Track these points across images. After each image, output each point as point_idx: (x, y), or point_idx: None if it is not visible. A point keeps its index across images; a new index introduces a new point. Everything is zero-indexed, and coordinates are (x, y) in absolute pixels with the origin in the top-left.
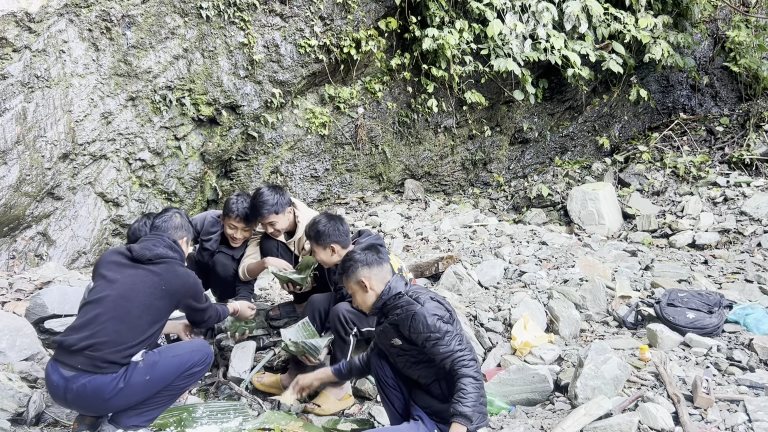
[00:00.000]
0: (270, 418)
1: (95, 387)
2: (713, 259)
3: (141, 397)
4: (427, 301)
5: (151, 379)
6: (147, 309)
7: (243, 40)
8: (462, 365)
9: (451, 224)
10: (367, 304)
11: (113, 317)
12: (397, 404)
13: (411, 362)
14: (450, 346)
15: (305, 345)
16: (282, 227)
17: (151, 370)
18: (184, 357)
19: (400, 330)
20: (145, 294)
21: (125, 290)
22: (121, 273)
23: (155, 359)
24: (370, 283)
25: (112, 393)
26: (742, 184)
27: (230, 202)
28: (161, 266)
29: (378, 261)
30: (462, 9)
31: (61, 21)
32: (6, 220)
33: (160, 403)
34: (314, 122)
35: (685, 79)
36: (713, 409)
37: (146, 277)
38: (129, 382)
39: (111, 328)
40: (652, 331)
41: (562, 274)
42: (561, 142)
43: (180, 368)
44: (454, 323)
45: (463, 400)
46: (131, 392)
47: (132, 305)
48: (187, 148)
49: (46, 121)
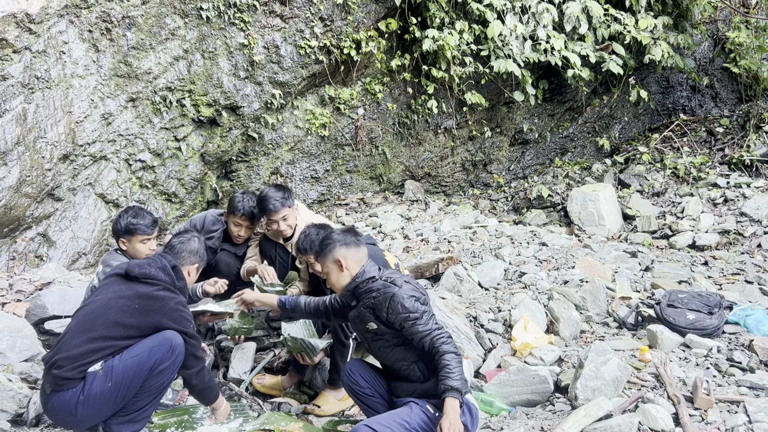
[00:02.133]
0: (270, 419)
1: (60, 404)
2: (713, 260)
3: (111, 404)
4: (403, 283)
5: (113, 384)
6: (114, 326)
7: (243, 41)
8: (441, 342)
9: (451, 225)
10: (340, 284)
11: (76, 332)
12: (381, 410)
13: (387, 346)
14: (428, 325)
15: (304, 343)
16: (293, 223)
17: (111, 375)
18: (144, 356)
19: (376, 313)
20: (116, 310)
21: (97, 306)
22: (108, 288)
23: (113, 364)
24: (346, 263)
25: (76, 407)
26: (743, 185)
27: (236, 200)
28: (144, 286)
29: (356, 243)
30: (462, 10)
31: (61, 22)
32: (6, 221)
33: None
34: (314, 123)
35: (685, 80)
36: (713, 410)
37: (124, 294)
38: (89, 393)
39: (72, 343)
40: (652, 332)
41: (563, 275)
42: (561, 143)
43: (142, 369)
44: (429, 305)
45: (451, 374)
46: (96, 401)
47: (98, 321)
48: (188, 149)
49: (47, 122)
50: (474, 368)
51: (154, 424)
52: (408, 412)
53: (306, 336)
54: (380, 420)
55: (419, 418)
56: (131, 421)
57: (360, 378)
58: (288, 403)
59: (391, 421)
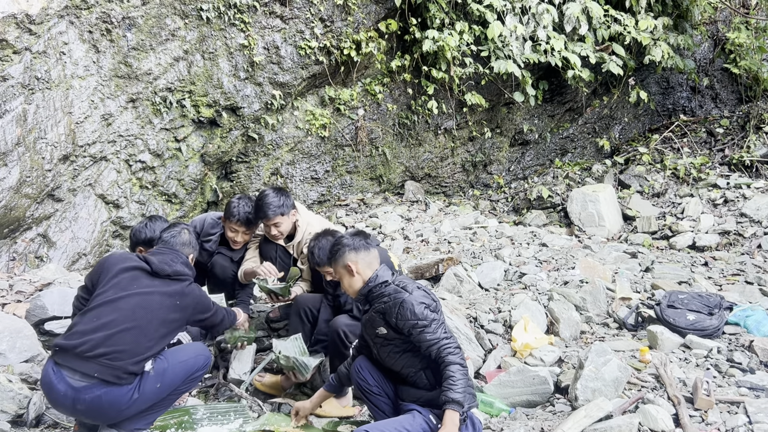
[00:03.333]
0: (270, 420)
1: (111, 399)
2: (713, 261)
3: (151, 404)
4: (414, 289)
5: (161, 386)
6: (164, 322)
7: (243, 42)
8: (448, 352)
9: (451, 226)
10: (353, 289)
11: (134, 327)
12: (387, 410)
13: (395, 351)
14: (436, 333)
15: (297, 361)
16: (286, 230)
17: (162, 377)
18: (190, 362)
19: (386, 318)
20: (163, 307)
21: (144, 301)
22: (137, 283)
23: (164, 366)
24: (356, 268)
25: (127, 404)
26: (743, 185)
27: (232, 206)
28: (178, 283)
29: (365, 246)
30: (462, 11)
31: (61, 23)
32: (6, 222)
33: (162, 406)
34: (314, 124)
35: (685, 80)
36: (713, 411)
37: (164, 291)
38: (142, 392)
39: (130, 337)
40: (652, 333)
41: (563, 276)
42: (561, 143)
43: (186, 373)
44: (439, 313)
45: (453, 386)
46: (143, 401)
47: (152, 316)
48: (188, 150)
49: (47, 123)
50: (474, 369)
51: (153, 425)
52: (410, 420)
53: (298, 354)
54: (381, 426)
55: (420, 427)
56: (142, 418)
57: (369, 375)
58: (288, 404)
59: (392, 427)
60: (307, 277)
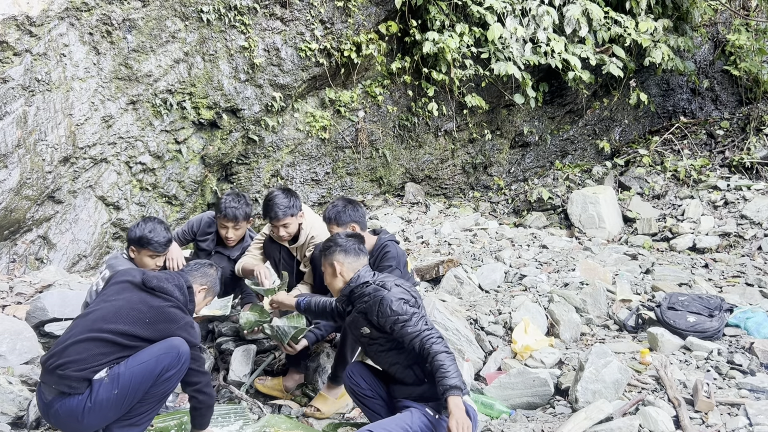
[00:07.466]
0: (270, 422)
1: (66, 410)
2: (714, 263)
3: (116, 411)
4: (393, 287)
5: (119, 392)
6: (122, 335)
7: (243, 44)
8: (431, 343)
9: (451, 228)
10: (333, 287)
11: (87, 338)
12: (382, 412)
13: (381, 350)
14: (417, 326)
15: (279, 330)
16: (293, 231)
17: (117, 383)
18: (151, 364)
19: (368, 318)
20: (128, 320)
21: (107, 312)
22: (118, 294)
23: (119, 371)
24: (341, 269)
25: (83, 414)
26: (743, 187)
27: (221, 202)
28: (157, 300)
29: (356, 251)
30: (462, 13)
31: (61, 25)
32: (6, 224)
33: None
34: (315, 126)
35: (685, 82)
36: (714, 413)
37: (137, 305)
38: (96, 400)
39: (82, 347)
40: (652, 335)
41: (563, 278)
42: (561, 145)
43: (149, 376)
44: (420, 307)
45: (447, 373)
46: (102, 409)
47: (107, 328)
48: (188, 152)
49: (47, 125)
50: (474, 371)
51: (153, 427)
52: (409, 416)
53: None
54: (383, 425)
55: (420, 421)
56: (133, 425)
57: (361, 380)
58: (288, 405)
59: (394, 425)
60: (308, 280)
